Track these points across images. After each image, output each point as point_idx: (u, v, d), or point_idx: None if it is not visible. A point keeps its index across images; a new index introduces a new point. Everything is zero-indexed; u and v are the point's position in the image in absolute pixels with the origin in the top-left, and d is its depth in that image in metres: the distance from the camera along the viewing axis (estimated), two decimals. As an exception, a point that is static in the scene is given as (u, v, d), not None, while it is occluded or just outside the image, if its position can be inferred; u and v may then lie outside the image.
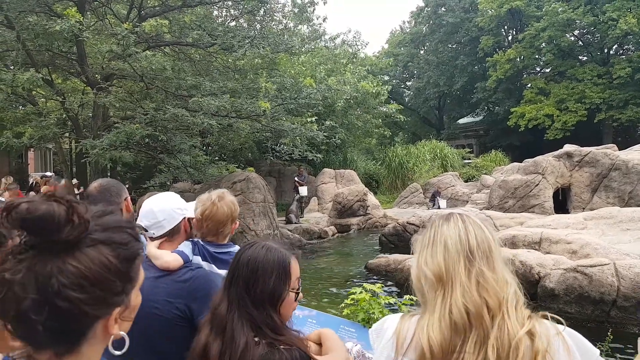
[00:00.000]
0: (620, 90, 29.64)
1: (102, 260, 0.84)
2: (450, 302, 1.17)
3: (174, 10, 12.06)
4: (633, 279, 5.95)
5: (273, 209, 12.50)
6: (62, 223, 0.80)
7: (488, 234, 1.26)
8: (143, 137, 10.60)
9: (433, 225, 1.32)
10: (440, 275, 1.21)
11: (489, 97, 37.68)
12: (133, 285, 0.93)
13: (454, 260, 1.21)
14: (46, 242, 0.81)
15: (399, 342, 1.24)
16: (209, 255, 2.24)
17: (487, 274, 1.18)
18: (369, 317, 3.28)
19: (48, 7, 10.48)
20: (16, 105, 12.25)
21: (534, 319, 1.16)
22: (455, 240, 1.23)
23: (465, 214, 1.32)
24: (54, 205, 0.81)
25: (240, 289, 1.40)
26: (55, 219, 0.80)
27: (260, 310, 1.38)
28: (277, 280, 1.42)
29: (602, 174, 13.92)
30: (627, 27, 27.88)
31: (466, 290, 1.17)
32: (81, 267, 0.81)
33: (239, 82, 13.16)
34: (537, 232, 8.24)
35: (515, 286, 1.20)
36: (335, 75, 19.64)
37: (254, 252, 1.45)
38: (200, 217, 2.21)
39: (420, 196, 21.75)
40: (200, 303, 1.74)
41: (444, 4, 41.96)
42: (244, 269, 1.42)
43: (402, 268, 8.37)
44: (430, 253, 1.26)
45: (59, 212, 0.80)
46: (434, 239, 1.27)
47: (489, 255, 1.22)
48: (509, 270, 1.24)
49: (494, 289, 1.16)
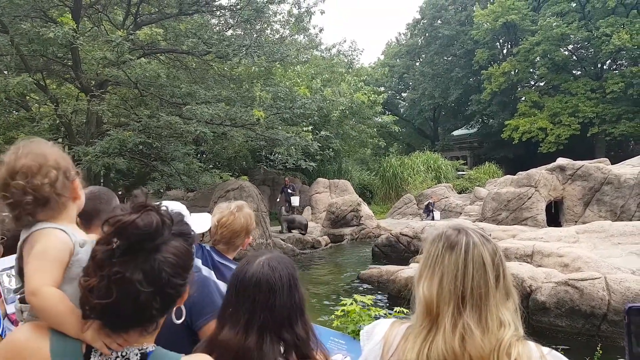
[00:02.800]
0: (613, 104, 29.93)
1: (182, 249, 1.06)
2: (431, 344, 1.15)
3: (170, 18, 12.09)
4: (624, 293, 5.95)
5: (266, 218, 12.47)
6: (160, 230, 1.02)
7: (489, 272, 1.18)
8: (136, 144, 10.57)
9: (438, 245, 1.24)
10: (430, 307, 1.19)
11: (484, 109, 37.92)
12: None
13: (445, 302, 1.17)
14: (147, 244, 1.01)
15: (385, 347, 1.25)
16: (211, 262, 2.25)
17: (474, 331, 1.13)
18: (358, 329, 3.25)
19: (43, 13, 10.46)
20: (9, 110, 12.19)
21: (518, 344, 1.13)
22: (451, 279, 1.18)
23: (473, 240, 1.22)
24: (154, 216, 1.02)
25: (276, 312, 1.33)
26: (158, 227, 1.01)
27: (292, 327, 1.35)
28: (298, 284, 1.41)
29: (594, 187, 13.99)
30: (621, 43, 28.23)
31: (448, 341, 1.14)
32: (175, 259, 1.03)
33: (234, 90, 13.18)
34: (529, 244, 8.24)
35: (514, 325, 1.16)
36: (331, 85, 19.71)
37: (259, 271, 1.38)
38: (217, 223, 2.26)
39: (413, 207, 21.76)
40: (199, 308, 1.74)
41: (440, 17, 42.36)
42: (264, 291, 1.35)
43: (394, 279, 8.33)
44: (428, 277, 1.22)
45: (157, 221, 1.01)
46: (434, 266, 1.22)
47: (484, 302, 1.16)
48: (510, 305, 1.19)
49: (479, 346, 1.12)
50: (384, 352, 1.25)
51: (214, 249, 2.32)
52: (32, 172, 1.22)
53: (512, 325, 1.16)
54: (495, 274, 1.19)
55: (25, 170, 1.22)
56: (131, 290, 0.97)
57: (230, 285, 1.42)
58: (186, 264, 1.05)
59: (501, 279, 1.20)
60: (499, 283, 1.19)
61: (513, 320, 1.17)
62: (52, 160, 1.26)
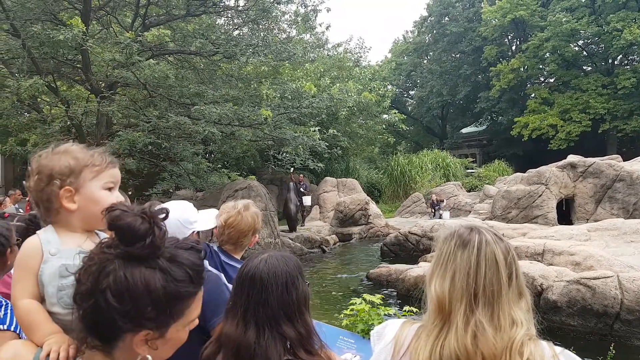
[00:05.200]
0: (624, 100, 29.59)
1: (150, 283, 0.91)
2: (444, 341, 1.15)
3: (178, 19, 12.15)
4: (637, 291, 5.88)
5: (274, 218, 12.49)
6: (138, 237, 0.90)
7: (502, 270, 1.17)
8: (146, 145, 10.65)
9: (450, 244, 1.24)
10: (442, 305, 1.19)
11: (493, 106, 37.67)
12: (173, 319, 0.96)
13: (457, 299, 1.17)
14: (123, 246, 0.91)
15: (396, 347, 1.25)
16: (219, 263, 2.24)
17: (487, 328, 1.13)
18: (368, 328, 3.25)
19: (53, 16, 10.57)
20: (21, 112, 12.34)
21: (531, 343, 1.12)
22: (463, 277, 1.18)
23: (486, 238, 1.22)
24: (139, 220, 0.91)
25: (269, 308, 1.36)
26: (134, 232, 0.90)
27: (292, 324, 1.36)
28: (297, 283, 1.42)
29: (606, 185, 13.83)
30: (632, 38, 27.90)
31: (460, 339, 1.13)
32: (129, 280, 0.89)
33: (242, 90, 13.22)
34: (540, 243, 8.17)
35: (526, 324, 1.15)
36: (339, 82, 19.68)
37: (255, 266, 1.41)
38: (224, 224, 2.24)
39: (422, 205, 21.68)
40: (211, 308, 1.72)
41: (447, 14, 42.14)
42: (257, 286, 1.38)
43: (403, 278, 8.31)
44: (440, 275, 1.22)
45: (139, 227, 0.90)
46: (446, 263, 1.22)
47: (496, 300, 1.16)
48: (523, 305, 1.18)
49: (492, 344, 1.12)
50: (395, 352, 1.25)
51: (221, 249, 2.31)
52: (27, 175, 1.29)
53: (525, 325, 1.15)
54: (507, 273, 1.18)
55: (28, 173, 1.28)
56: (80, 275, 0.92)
57: (234, 281, 1.47)
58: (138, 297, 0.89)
59: (514, 278, 1.19)
60: (511, 282, 1.19)
61: (526, 319, 1.17)
62: (43, 164, 1.27)
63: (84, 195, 1.27)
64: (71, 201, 1.26)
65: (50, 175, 1.26)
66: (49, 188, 1.26)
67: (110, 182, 1.32)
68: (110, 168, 1.34)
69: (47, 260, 1.21)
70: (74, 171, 1.28)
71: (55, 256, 1.21)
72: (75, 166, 1.28)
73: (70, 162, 1.28)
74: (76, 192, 1.27)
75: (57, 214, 1.27)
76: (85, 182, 1.29)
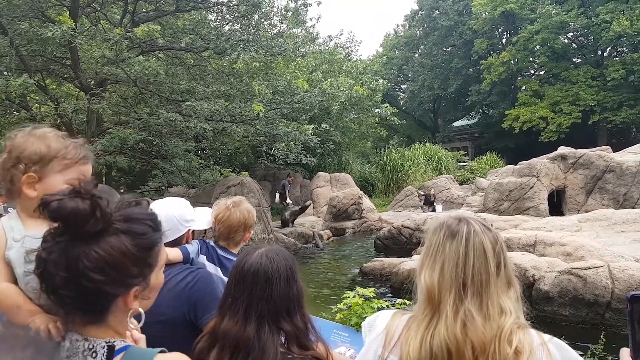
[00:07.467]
0: (614, 92, 29.81)
1: (121, 247, 0.96)
2: (434, 331, 1.16)
3: (168, 15, 12.05)
4: (627, 280, 5.96)
5: (267, 213, 12.49)
6: (86, 217, 0.93)
7: (490, 260, 1.19)
8: (137, 142, 10.57)
9: (439, 235, 1.26)
10: (432, 295, 1.20)
11: (484, 99, 37.80)
12: (151, 269, 1.05)
13: (446, 289, 1.18)
14: (75, 230, 0.93)
15: (387, 338, 1.26)
16: (217, 258, 2.28)
17: (476, 317, 1.14)
18: (361, 321, 3.26)
19: (41, 13, 10.44)
20: (10, 110, 12.19)
21: (519, 331, 1.14)
22: (452, 267, 1.19)
23: (474, 228, 1.23)
24: (79, 202, 0.93)
25: (273, 302, 1.37)
26: (80, 214, 0.92)
27: (290, 318, 1.37)
28: (296, 276, 1.43)
29: (596, 176, 13.97)
30: (621, 29, 28.08)
31: (449, 328, 1.15)
32: (102, 253, 0.94)
33: (234, 85, 13.15)
34: (531, 234, 8.25)
35: (515, 313, 1.17)
36: (331, 76, 19.64)
37: (257, 262, 1.42)
38: (214, 220, 2.29)
39: (415, 199, 21.77)
40: (203, 305, 1.74)
41: (438, 7, 42.14)
42: (262, 281, 1.39)
43: (397, 272, 8.35)
44: (429, 265, 1.24)
45: (83, 208, 0.92)
46: (435, 254, 1.24)
47: (485, 289, 1.17)
48: (512, 294, 1.20)
49: (481, 333, 1.13)
50: (386, 343, 1.25)
51: (217, 244, 2.35)
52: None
53: (514, 313, 1.17)
54: (496, 262, 1.20)
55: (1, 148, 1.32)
56: (46, 271, 0.94)
57: (230, 277, 1.45)
58: (118, 263, 0.95)
59: (502, 267, 1.21)
60: (499, 271, 1.20)
61: (514, 308, 1.18)
62: (16, 145, 1.28)
63: (45, 185, 1.28)
64: (31, 188, 1.27)
65: (17, 158, 1.27)
66: (13, 170, 1.27)
67: (76, 179, 1.32)
68: (81, 164, 1.35)
69: (11, 247, 1.23)
70: (42, 159, 1.28)
71: (19, 242, 1.23)
72: (45, 154, 1.28)
73: (42, 149, 1.28)
74: (39, 180, 1.28)
75: (17, 196, 1.29)
76: (50, 173, 1.29)
